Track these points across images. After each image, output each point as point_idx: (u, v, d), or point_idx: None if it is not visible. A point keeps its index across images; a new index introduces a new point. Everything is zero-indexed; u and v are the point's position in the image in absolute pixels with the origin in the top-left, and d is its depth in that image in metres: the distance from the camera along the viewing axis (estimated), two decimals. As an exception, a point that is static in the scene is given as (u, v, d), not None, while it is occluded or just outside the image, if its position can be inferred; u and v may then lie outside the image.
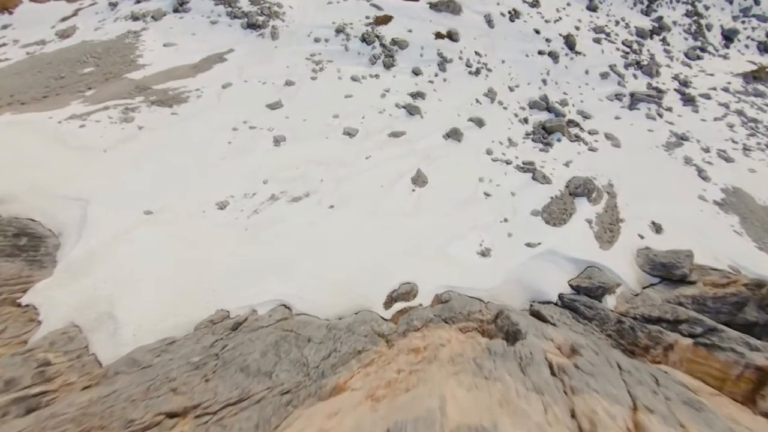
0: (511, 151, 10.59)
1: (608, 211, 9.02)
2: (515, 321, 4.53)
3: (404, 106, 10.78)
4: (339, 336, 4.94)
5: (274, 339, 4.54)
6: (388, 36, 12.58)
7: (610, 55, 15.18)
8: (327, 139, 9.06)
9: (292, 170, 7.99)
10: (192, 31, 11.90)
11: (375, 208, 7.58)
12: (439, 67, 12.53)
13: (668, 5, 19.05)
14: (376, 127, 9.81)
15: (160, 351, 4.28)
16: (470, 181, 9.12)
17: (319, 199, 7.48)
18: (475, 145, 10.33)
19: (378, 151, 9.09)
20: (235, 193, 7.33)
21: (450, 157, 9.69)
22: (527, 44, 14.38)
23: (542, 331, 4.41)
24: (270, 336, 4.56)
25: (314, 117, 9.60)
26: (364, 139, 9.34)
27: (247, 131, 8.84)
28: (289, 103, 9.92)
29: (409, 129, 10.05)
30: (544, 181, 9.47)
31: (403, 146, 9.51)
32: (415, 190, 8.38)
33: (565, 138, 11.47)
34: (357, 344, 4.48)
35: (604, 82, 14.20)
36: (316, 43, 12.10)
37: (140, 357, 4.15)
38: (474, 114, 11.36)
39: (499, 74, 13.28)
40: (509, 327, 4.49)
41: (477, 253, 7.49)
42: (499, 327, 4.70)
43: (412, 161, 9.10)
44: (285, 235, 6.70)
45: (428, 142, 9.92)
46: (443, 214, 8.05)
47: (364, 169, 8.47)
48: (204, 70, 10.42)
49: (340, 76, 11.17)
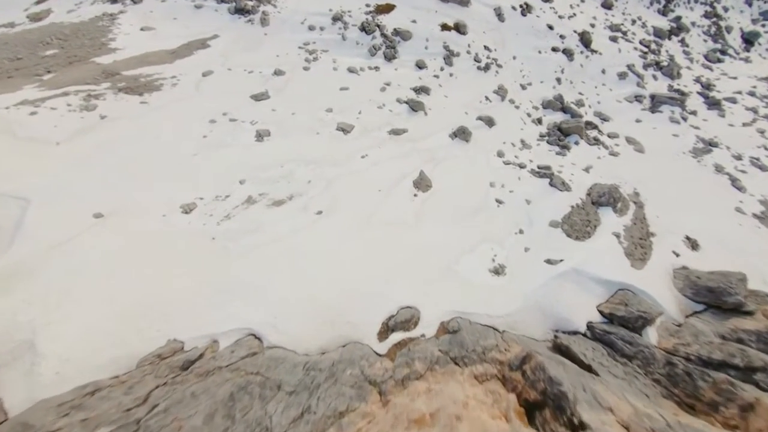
0: (525, 153, 9.50)
1: (637, 224, 7.91)
2: (556, 379, 3.40)
3: (406, 101, 9.69)
4: (317, 383, 3.79)
5: (230, 390, 3.39)
6: (390, 26, 11.53)
7: (627, 54, 14.17)
8: (318, 135, 7.95)
9: (275, 169, 6.87)
10: (174, 15, 10.82)
11: (370, 216, 6.46)
12: (445, 61, 11.48)
13: (686, 5, 18.13)
14: (374, 123, 8.71)
15: (70, 408, 3.12)
16: (480, 186, 8.01)
17: (305, 204, 6.36)
18: (485, 146, 9.24)
19: (376, 149, 7.99)
20: (205, 195, 6.19)
21: (457, 158, 8.59)
22: (540, 40, 13.36)
23: (593, 393, 3.28)
24: (224, 387, 3.41)
25: (304, 110, 8.50)
26: (361, 137, 8.23)
27: (226, 124, 7.73)
28: (277, 94, 8.83)
29: (411, 126, 8.96)
30: (562, 187, 8.37)
31: (404, 145, 8.41)
32: (417, 195, 7.26)
33: (583, 141, 10.40)
34: (339, 402, 3.34)
35: (622, 83, 13.17)
36: (311, 31, 11.03)
37: (39, 419, 3.00)
38: (483, 112, 10.28)
39: (510, 71, 12.23)
40: (548, 388, 3.36)
41: (489, 271, 6.36)
42: (530, 381, 3.57)
43: (414, 162, 8.00)
44: (261, 246, 5.56)
45: (433, 141, 8.83)
46: (450, 223, 6.93)
47: (360, 169, 7.35)
48: (183, 56, 9.33)
49: (336, 67, 10.10)
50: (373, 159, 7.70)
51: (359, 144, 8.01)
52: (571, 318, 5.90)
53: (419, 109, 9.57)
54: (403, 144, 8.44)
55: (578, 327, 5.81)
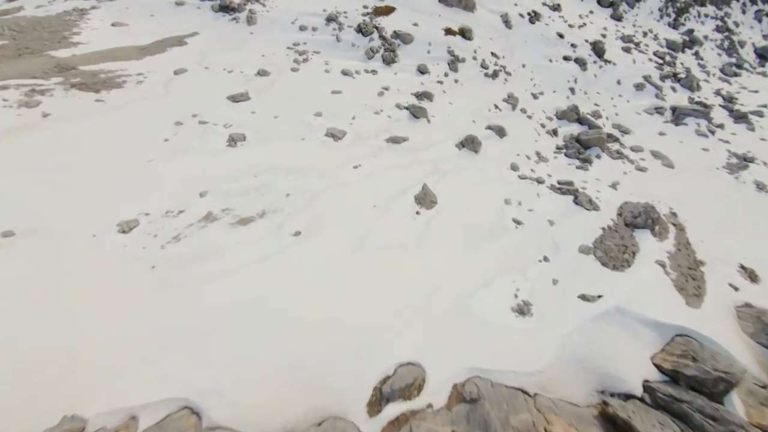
0: (542, 167, 8.33)
1: (682, 251, 6.64)
2: None
3: (407, 107, 8.59)
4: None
5: None
6: (390, 28, 10.61)
7: (642, 65, 13.31)
8: (303, 140, 6.76)
9: (247, 179, 5.62)
10: (151, 12, 9.86)
11: (362, 239, 5.16)
12: (449, 66, 10.49)
13: (696, 19, 17.56)
14: (370, 129, 7.55)
15: None
16: (494, 203, 6.77)
17: (280, 222, 5.07)
18: (497, 159, 8.07)
19: (371, 159, 6.78)
20: (153, 210, 4.90)
21: (466, 171, 7.39)
22: (550, 49, 12.49)
23: None
24: None
25: (289, 114, 7.35)
26: (354, 144, 7.05)
27: (194, 127, 6.54)
28: (259, 96, 7.70)
29: (412, 134, 7.80)
30: (589, 206, 7.13)
31: (404, 155, 7.22)
32: (420, 213, 6.00)
33: (604, 154, 9.26)
34: None
35: (639, 94, 12.21)
36: (302, 31, 10.07)
37: None
38: (493, 122, 9.18)
39: (519, 79, 11.25)
40: None
41: (512, 310, 5.02)
42: None
43: (416, 174, 6.78)
44: (215, 278, 4.23)
45: (437, 151, 7.65)
46: (460, 248, 5.64)
47: (351, 181, 6.12)
48: (154, 53, 8.25)
49: (328, 69, 9.05)
50: (368, 170, 6.48)
51: (352, 152, 6.81)
52: (621, 375, 4.54)
53: (421, 116, 8.45)
54: (404, 153, 7.25)
55: (631, 388, 4.43)
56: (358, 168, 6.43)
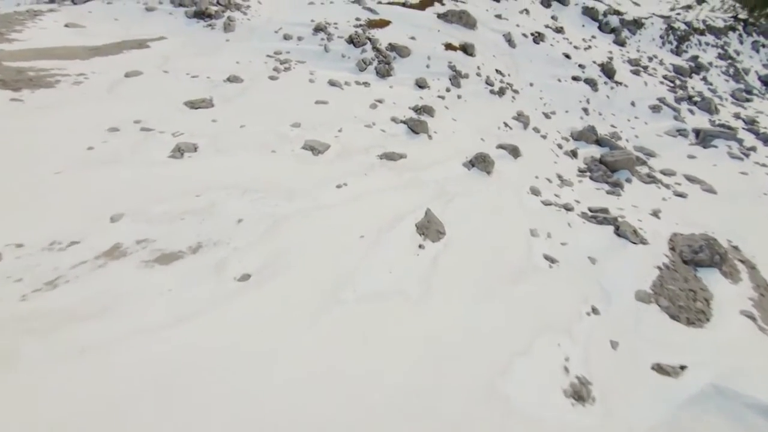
0: (567, 192, 6.95)
1: (766, 296, 5.12)
2: None
3: (404, 121, 7.32)
4: None
5: None
6: (385, 40, 9.63)
7: (654, 88, 12.49)
8: (273, 153, 5.33)
9: (186, 199, 4.09)
10: (116, 16, 8.81)
11: (342, 284, 3.57)
12: (451, 82, 9.42)
13: (698, 47, 17.25)
14: (359, 143, 6.19)
15: None
16: (517, 234, 5.29)
17: (222, 260, 3.48)
18: (513, 181, 6.70)
19: (360, 177, 5.34)
20: (32, 239, 3.31)
21: (478, 194, 5.97)
22: (558, 69, 11.63)
23: None
24: None
25: (260, 123, 5.99)
26: (338, 160, 5.63)
27: (133, 134, 5.10)
28: (226, 103, 6.38)
29: (411, 151, 6.45)
30: (635, 238, 5.67)
31: (402, 174, 5.80)
32: (423, 246, 4.46)
33: (635, 178, 7.96)
34: None
35: (657, 116, 11.22)
36: (286, 40, 9.02)
37: None
38: (504, 140, 7.93)
39: (528, 98, 10.21)
40: None
41: (565, 394, 3.36)
42: None
43: (417, 197, 5.33)
44: (94, 350, 2.57)
45: (442, 170, 6.27)
46: (480, 296, 4.05)
47: (331, 204, 4.61)
48: (106, 54, 7.01)
49: (313, 78, 7.86)
50: (355, 190, 5.02)
51: (335, 169, 5.37)
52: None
53: (421, 131, 7.15)
54: (401, 172, 5.83)
55: None
56: (342, 188, 4.95)
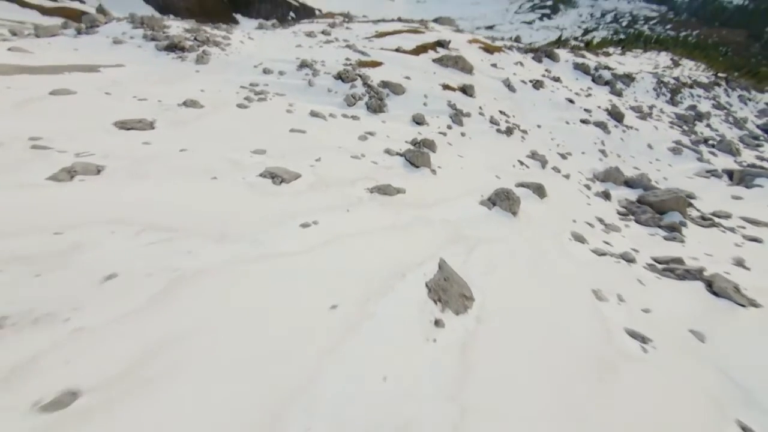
0: (616, 238, 5.32)
1: None
2: None
3: (401, 153, 5.94)
4: None
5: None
6: (377, 78, 8.75)
7: (666, 132, 11.68)
8: (213, 180, 3.71)
9: (36, 238, 2.33)
10: (76, 47, 7.88)
11: (288, 410, 1.66)
12: (452, 120, 8.33)
13: (691, 98, 17.22)
14: (343, 175, 4.64)
15: None
16: (577, 299, 3.49)
17: (32, 357, 1.60)
18: (546, 224, 5.09)
19: (338, 214, 3.68)
20: None
21: (507, 241, 4.28)
22: (563, 112, 10.84)
23: None
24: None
25: (209, 148, 4.49)
26: (310, 191, 4.02)
27: (18, 152, 3.51)
28: (173, 126, 4.96)
29: (411, 186, 4.90)
30: (741, 299, 3.88)
31: (400, 211, 4.16)
32: (442, 324, 2.61)
33: (688, 221, 6.42)
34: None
35: (680, 158, 10.15)
36: (266, 74, 8.05)
37: None
38: (523, 178, 6.52)
39: (538, 138, 9.12)
40: None
41: None
42: None
43: (422, 243, 3.61)
44: None
45: (454, 209, 4.66)
46: (556, 411, 2.12)
47: (287, 251, 2.86)
48: (38, 73, 5.76)
49: (292, 109, 6.63)
50: (329, 231, 3.31)
51: (303, 202, 3.72)
52: None
53: (422, 165, 5.72)
54: (399, 209, 4.20)
55: None
56: (309, 227, 3.25)
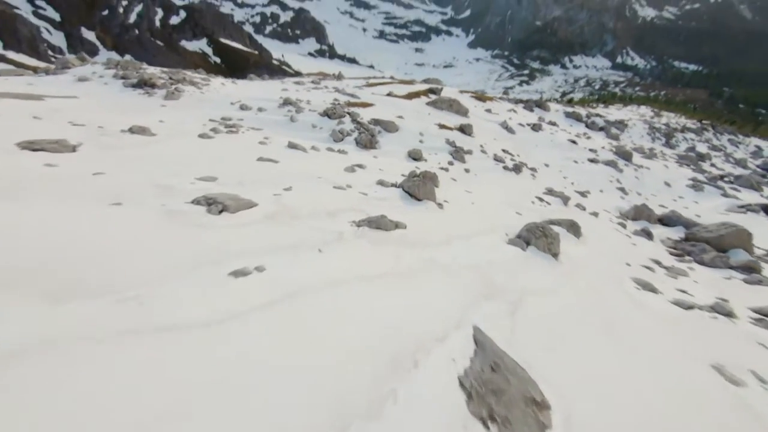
0: (689, 284, 3.99)
1: None
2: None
3: (397, 185, 4.80)
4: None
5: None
6: (368, 116, 8.00)
7: (678, 170, 10.95)
8: (116, 206, 2.41)
9: None
10: (32, 82, 7.08)
11: None
12: (453, 156, 7.40)
13: (686, 141, 17.09)
14: (318, 205, 3.38)
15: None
16: (700, 384, 2.03)
17: None
18: (598, 269, 3.77)
19: (302, 255, 2.33)
20: None
21: (558, 293, 2.90)
22: (569, 152, 10.13)
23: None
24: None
25: (135, 173, 3.29)
26: (266, 222, 2.72)
27: None
28: (99, 150, 3.80)
29: (412, 220, 3.63)
30: None
31: (400, 252, 2.82)
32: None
33: (756, 260, 5.13)
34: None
35: (703, 195, 9.22)
36: (243, 110, 7.22)
37: None
38: (547, 215, 5.34)
39: (549, 176, 8.18)
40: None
41: None
42: None
43: (437, 301, 2.24)
44: None
45: (472, 249, 3.35)
46: None
47: (190, 323, 1.46)
48: (-51, 102, 4.75)
49: (266, 142, 5.61)
50: (283, 282, 1.94)
51: (247, 238, 2.39)
52: None
53: (426, 197, 4.55)
54: (398, 248, 2.87)
55: None
56: (245, 276, 1.90)
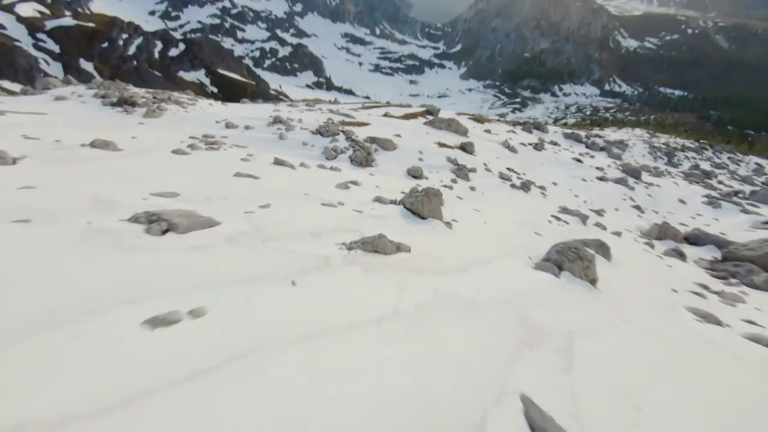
0: (751, 312, 3.26)
1: None
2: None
3: (397, 202, 4.17)
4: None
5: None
6: (364, 134, 7.51)
7: (689, 187, 10.47)
8: (19, 224, 1.73)
9: None
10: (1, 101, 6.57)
11: None
12: (456, 174, 6.85)
13: (688, 160, 16.84)
14: (300, 224, 2.70)
15: None
16: None
17: None
18: (642, 298, 3.07)
19: (268, 290, 1.63)
20: None
21: (611, 330, 2.19)
22: (575, 171, 9.66)
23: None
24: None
25: (75, 187, 2.65)
26: (224, 247, 2.03)
27: None
28: (43, 164, 3.16)
29: (418, 242, 2.95)
30: None
31: (405, 282, 2.13)
32: None
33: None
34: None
35: (722, 212, 8.65)
36: (228, 128, 6.70)
37: None
38: (567, 235, 4.68)
39: (560, 194, 7.62)
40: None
41: None
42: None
43: (462, 357, 1.53)
44: None
45: (495, 276, 2.65)
46: None
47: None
48: None
49: (249, 159, 5.02)
50: (232, 333, 1.24)
51: (192, 265, 1.70)
52: None
53: (431, 216, 3.91)
54: (404, 278, 2.17)
55: None
56: (171, 326, 1.19)
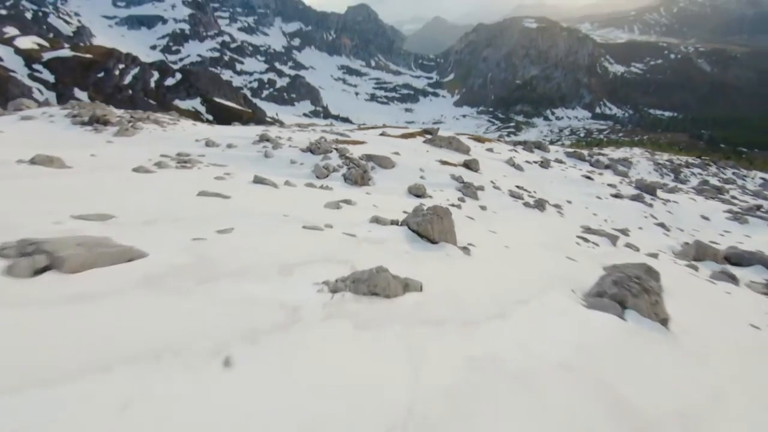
0: None
1: None
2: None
3: (399, 222, 3.44)
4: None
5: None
6: (359, 152, 6.89)
7: (706, 203, 9.86)
8: None
9: None
10: None
11: None
12: (463, 192, 6.16)
13: (695, 176, 16.41)
14: (268, 253, 1.93)
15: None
16: None
17: None
18: (721, 339, 2.27)
19: (179, 381, 0.86)
20: None
21: (722, 410, 1.39)
22: (587, 188, 9.03)
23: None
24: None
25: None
26: (142, 290, 1.26)
27: None
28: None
29: (430, 274, 2.16)
30: None
31: (423, 345, 1.35)
32: None
33: None
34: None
35: (751, 228, 8.02)
36: (208, 147, 6.05)
37: None
38: (603, 260, 3.93)
39: (577, 213, 6.92)
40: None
41: None
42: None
43: None
44: None
45: (543, 322, 1.86)
46: None
47: None
48: None
49: (225, 177, 4.32)
50: None
51: (77, 328, 0.94)
52: None
53: (443, 239, 3.17)
54: (417, 336, 1.39)
55: None
56: None
